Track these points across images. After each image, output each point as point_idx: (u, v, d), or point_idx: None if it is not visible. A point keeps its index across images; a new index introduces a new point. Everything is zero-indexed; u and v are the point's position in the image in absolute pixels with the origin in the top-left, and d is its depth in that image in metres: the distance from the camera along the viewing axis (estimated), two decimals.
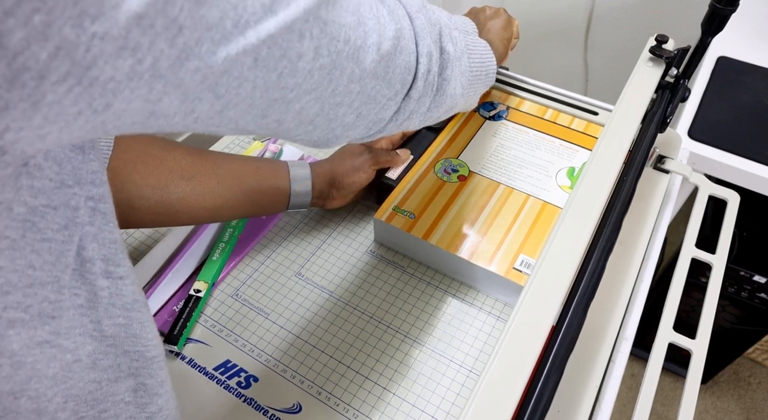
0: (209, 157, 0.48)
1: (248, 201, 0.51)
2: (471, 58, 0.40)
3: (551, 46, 1.51)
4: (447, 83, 0.36)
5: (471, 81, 0.40)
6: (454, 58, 0.35)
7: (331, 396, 0.47)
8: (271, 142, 0.68)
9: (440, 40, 0.34)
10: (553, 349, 0.35)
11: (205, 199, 0.47)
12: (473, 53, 0.41)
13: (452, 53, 0.35)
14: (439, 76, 0.35)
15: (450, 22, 0.37)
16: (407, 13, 0.32)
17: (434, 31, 0.34)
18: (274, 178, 0.53)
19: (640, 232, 0.58)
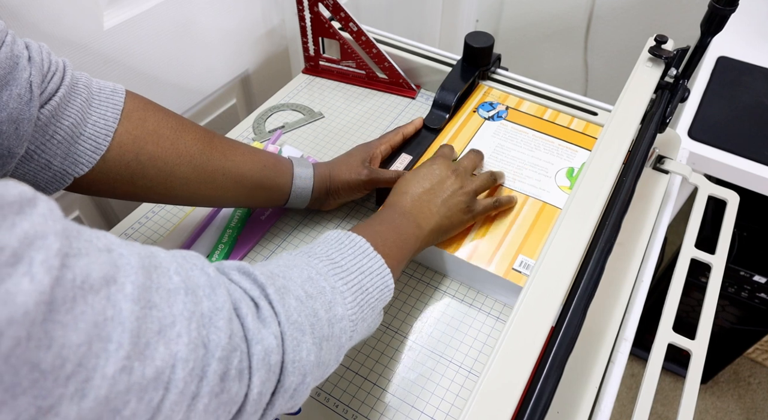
0: (219, 147, 0.48)
1: (248, 195, 0.51)
2: (352, 319, 0.35)
3: (551, 46, 1.51)
4: (301, 392, 0.30)
5: (349, 337, 0.35)
6: (311, 364, 0.30)
7: (330, 397, 0.47)
8: (270, 142, 0.68)
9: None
10: (553, 349, 0.35)
11: (207, 188, 0.48)
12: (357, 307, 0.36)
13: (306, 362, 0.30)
14: (290, 394, 0.29)
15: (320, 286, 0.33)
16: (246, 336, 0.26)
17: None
18: (277, 178, 0.53)
19: (640, 233, 0.58)
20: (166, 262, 0.24)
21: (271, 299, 0.29)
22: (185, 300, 0.24)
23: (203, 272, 0.26)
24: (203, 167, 0.46)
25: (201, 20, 0.71)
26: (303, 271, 0.34)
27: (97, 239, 0.21)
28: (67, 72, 0.40)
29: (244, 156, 0.50)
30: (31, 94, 0.36)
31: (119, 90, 0.43)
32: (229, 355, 0.24)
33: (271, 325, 0.28)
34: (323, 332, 0.31)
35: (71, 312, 0.18)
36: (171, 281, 0.24)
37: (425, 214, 0.49)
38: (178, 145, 0.45)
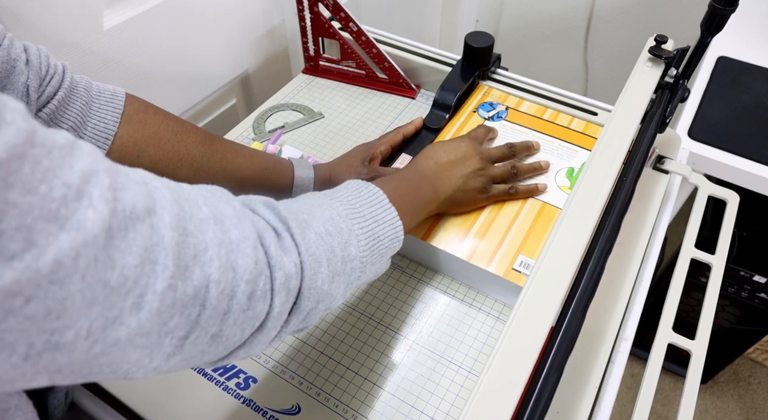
0: (220, 149, 0.48)
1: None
2: (362, 259, 0.37)
3: (551, 46, 1.51)
4: (312, 315, 0.33)
5: (359, 275, 0.37)
6: (324, 292, 0.33)
7: (330, 397, 0.47)
8: (270, 142, 0.68)
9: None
10: (553, 349, 0.35)
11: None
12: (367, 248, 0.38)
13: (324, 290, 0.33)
14: (306, 316, 0.33)
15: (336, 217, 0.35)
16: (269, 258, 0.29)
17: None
18: (278, 180, 0.53)
19: (640, 233, 0.58)
20: (194, 195, 0.27)
21: (293, 232, 0.31)
22: (215, 228, 0.26)
23: (229, 204, 0.28)
24: (204, 169, 0.47)
25: (201, 20, 0.71)
26: (325, 211, 0.36)
27: (134, 173, 0.24)
28: (66, 75, 0.40)
29: (244, 158, 0.50)
30: (28, 99, 0.36)
31: (119, 93, 0.43)
32: (256, 279, 0.27)
33: (291, 254, 0.30)
34: (336, 268, 0.34)
35: (126, 239, 0.21)
36: (201, 211, 0.26)
37: (444, 182, 0.51)
38: (179, 147, 0.45)
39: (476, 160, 0.54)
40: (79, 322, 0.20)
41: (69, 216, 0.19)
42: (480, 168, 0.54)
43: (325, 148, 0.69)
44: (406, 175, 0.50)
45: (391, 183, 0.45)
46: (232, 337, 0.27)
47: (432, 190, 0.50)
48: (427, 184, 0.50)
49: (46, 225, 0.18)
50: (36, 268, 0.18)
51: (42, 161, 0.18)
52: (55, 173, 0.19)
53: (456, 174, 0.52)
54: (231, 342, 0.28)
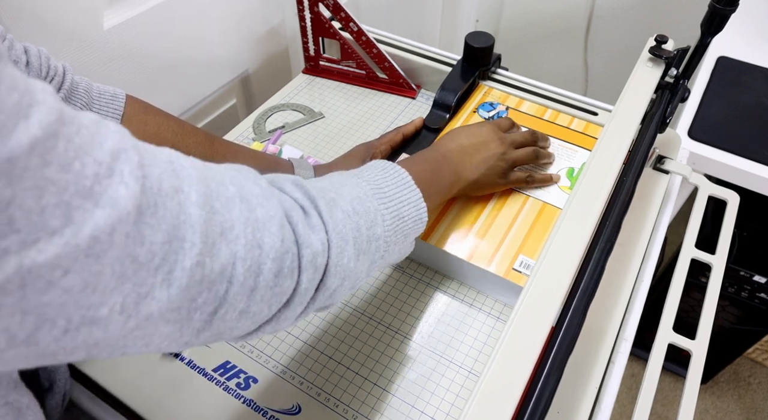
0: (220, 151, 0.49)
1: None
2: (387, 239, 0.37)
3: (551, 46, 1.51)
4: (337, 292, 0.34)
5: (383, 254, 0.38)
6: (349, 269, 0.33)
7: (331, 397, 0.47)
8: (270, 142, 0.68)
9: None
10: (553, 349, 0.35)
11: None
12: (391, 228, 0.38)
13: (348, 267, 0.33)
14: (331, 293, 0.33)
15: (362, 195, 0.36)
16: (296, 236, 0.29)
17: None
18: (279, 165, 0.53)
19: (640, 233, 0.58)
20: (221, 174, 0.27)
21: (320, 210, 0.32)
22: (241, 207, 0.26)
23: (256, 183, 0.29)
24: None
25: (201, 20, 0.71)
26: (353, 190, 0.36)
27: (160, 152, 0.24)
28: (67, 76, 0.40)
29: (245, 160, 0.50)
30: None
31: (119, 94, 0.43)
32: (282, 256, 0.27)
33: (319, 232, 0.30)
34: (362, 246, 0.34)
35: (155, 215, 0.21)
36: (228, 190, 0.26)
37: (465, 165, 0.52)
38: (179, 148, 0.45)
39: (497, 143, 0.54)
40: (113, 297, 0.20)
41: (102, 192, 0.19)
42: (502, 152, 0.54)
43: (325, 148, 0.69)
44: (429, 157, 0.50)
45: (414, 165, 0.45)
46: (260, 312, 0.28)
47: (454, 173, 0.50)
48: (449, 168, 0.50)
49: (83, 201, 0.19)
50: (75, 243, 0.18)
51: (74, 139, 0.19)
52: (86, 151, 0.19)
53: (477, 158, 0.53)
54: (259, 317, 0.28)
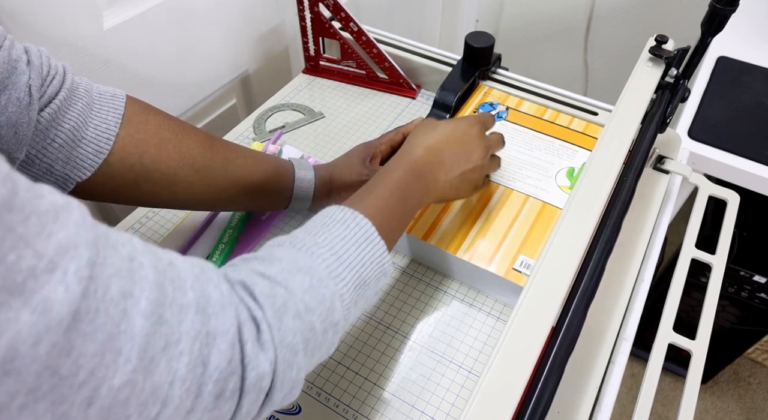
0: (221, 150, 0.48)
1: (250, 198, 0.51)
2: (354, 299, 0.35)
3: (551, 46, 1.51)
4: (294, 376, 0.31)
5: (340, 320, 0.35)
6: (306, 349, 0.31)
7: (331, 397, 0.47)
8: (271, 142, 0.68)
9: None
10: (553, 349, 0.35)
11: (210, 191, 0.48)
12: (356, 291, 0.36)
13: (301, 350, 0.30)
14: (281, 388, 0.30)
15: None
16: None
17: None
18: (279, 181, 0.53)
19: (640, 233, 0.58)
20: (184, 275, 0.25)
21: (270, 322, 0.29)
22: (194, 318, 0.24)
23: (217, 288, 0.27)
24: (206, 171, 0.46)
25: (201, 20, 0.71)
26: (305, 279, 0.33)
27: (122, 246, 0.22)
28: (67, 76, 0.40)
29: (245, 159, 0.50)
30: (30, 98, 0.35)
31: (119, 95, 0.43)
32: (227, 378, 0.25)
33: (268, 352, 0.28)
34: (317, 343, 0.32)
35: (92, 323, 0.19)
36: (185, 296, 0.24)
37: (439, 180, 0.46)
38: (180, 148, 0.45)
39: (481, 154, 0.49)
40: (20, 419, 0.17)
41: (36, 290, 0.17)
42: (482, 165, 0.49)
43: (325, 148, 0.69)
44: (398, 181, 0.43)
45: (379, 199, 0.41)
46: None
47: (423, 193, 0.45)
48: (416, 187, 0.44)
49: (8, 297, 0.16)
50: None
51: (16, 228, 0.17)
52: (27, 241, 0.17)
53: (455, 172, 0.47)
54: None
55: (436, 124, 0.49)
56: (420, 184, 0.45)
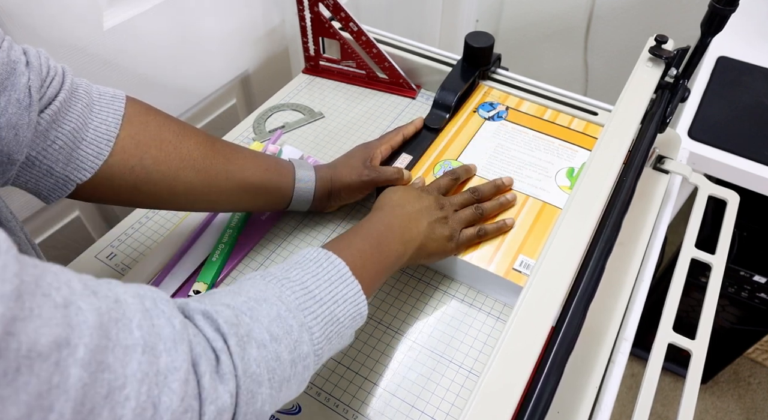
0: (222, 151, 0.48)
1: (251, 198, 0.51)
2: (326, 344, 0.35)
3: (551, 46, 1.51)
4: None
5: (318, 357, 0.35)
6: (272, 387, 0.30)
7: (331, 397, 0.47)
8: (271, 142, 0.68)
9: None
10: (553, 349, 0.35)
11: (210, 192, 0.48)
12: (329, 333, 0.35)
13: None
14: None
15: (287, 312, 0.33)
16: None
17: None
18: (279, 181, 0.53)
19: (640, 233, 0.58)
20: (130, 313, 0.23)
21: (231, 352, 0.28)
22: (141, 359, 0.22)
23: (169, 323, 0.25)
24: (206, 171, 0.46)
25: (201, 20, 0.71)
26: (272, 309, 0.32)
27: (57, 291, 0.20)
28: (67, 77, 0.40)
29: (246, 160, 0.50)
30: (30, 99, 0.35)
31: (119, 95, 0.43)
32: (180, 417, 0.24)
33: (229, 382, 0.27)
34: (285, 374, 0.31)
35: (13, 384, 0.17)
36: (131, 336, 0.23)
37: (412, 232, 0.48)
38: (181, 149, 0.45)
39: (436, 208, 0.51)
40: None
41: None
42: (443, 216, 0.51)
43: (325, 148, 0.69)
44: (370, 230, 0.46)
45: (353, 244, 0.42)
46: None
47: (399, 243, 0.46)
48: (393, 238, 0.46)
49: None
50: None
51: None
52: None
53: (423, 222, 0.49)
54: None
55: (397, 189, 0.53)
56: (394, 233, 0.46)
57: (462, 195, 0.56)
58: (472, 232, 0.53)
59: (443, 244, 0.50)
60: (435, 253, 0.50)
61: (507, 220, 0.55)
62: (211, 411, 0.26)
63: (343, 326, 0.37)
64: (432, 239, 0.49)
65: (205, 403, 0.25)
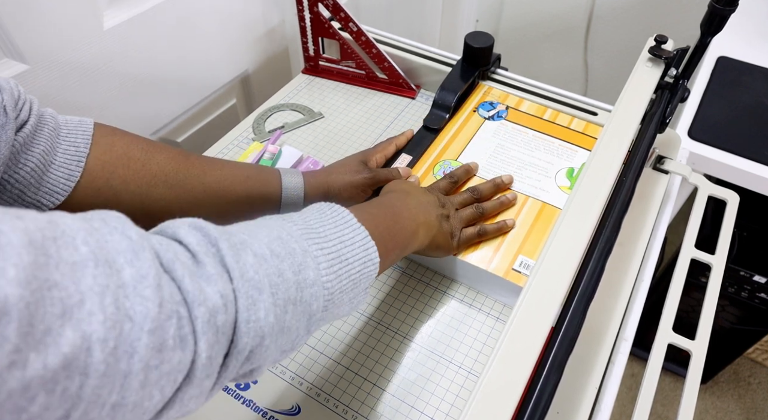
0: (196, 164, 0.46)
1: (234, 211, 0.50)
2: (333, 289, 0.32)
3: (551, 46, 1.51)
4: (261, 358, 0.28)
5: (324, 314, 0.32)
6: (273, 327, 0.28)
7: (330, 397, 0.47)
8: (270, 142, 0.68)
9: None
10: (553, 349, 0.35)
11: (189, 208, 0.46)
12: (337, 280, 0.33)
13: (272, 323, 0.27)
14: (246, 361, 0.27)
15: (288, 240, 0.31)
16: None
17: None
18: (263, 188, 0.51)
19: (640, 233, 0.58)
20: (71, 231, 0.21)
21: (222, 254, 0.26)
22: (95, 273, 0.21)
23: (124, 236, 0.23)
24: (181, 185, 0.45)
25: (201, 20, 0.71)
26: (272, 232, 0.30)
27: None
28: (34, 105, 0.40)
29: (223, 170, 0.48)
30: (6, 118, 0.35)
31: (86, 120, 0.42)
32: (163, 325, 0.22)
33: (216, 283, 0.25)
34: (289, 294, 0.29)
35: None
36: (76, 253, 0.21)
37: (425, 216, 0.47)
38: (150, 165, 0.44)
39: (439, 206, 0.51)
40: None
41: None
42: (446, 214, 0.51)
43: (325, 148, 0.69)
44: (382, 201, 0.45)
45: (364, 209, 0.40)
46: (147, 400, 0.22)
47: (414, 222, 0.44)
48: (408, 215, 0.44)
49: None
50: None
51: None
52: None
53: (432, 213, 0.48)
54: (148, 406, 0.23)
55: (403, 180, 0.54)
56: (408, 209, 0.45)
57: (462, 194, 0.56)
58: (473, 232, 0.53)
59: (448, 239, 0.50)
60: (441, 247, 0.50)
61: (507, 221, 0.55)
62: (202, 312, 0.24)
63: (353, 268, 0.34)
64: (440, 232, 0.49)
65: (193, 306, 0.24)
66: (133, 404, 0.22)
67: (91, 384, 0.20)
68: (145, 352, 0.21)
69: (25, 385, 0.18)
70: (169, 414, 0.24)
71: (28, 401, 0.18)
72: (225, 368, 0.26)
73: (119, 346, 0.21)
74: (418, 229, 0.45)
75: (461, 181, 0.59)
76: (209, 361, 0.24)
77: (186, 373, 0.24)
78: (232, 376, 0.27)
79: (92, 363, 0.20)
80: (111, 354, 0.20)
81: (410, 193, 0.49)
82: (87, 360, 0.19)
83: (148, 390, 0.22)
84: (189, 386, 0.24)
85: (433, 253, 0.50)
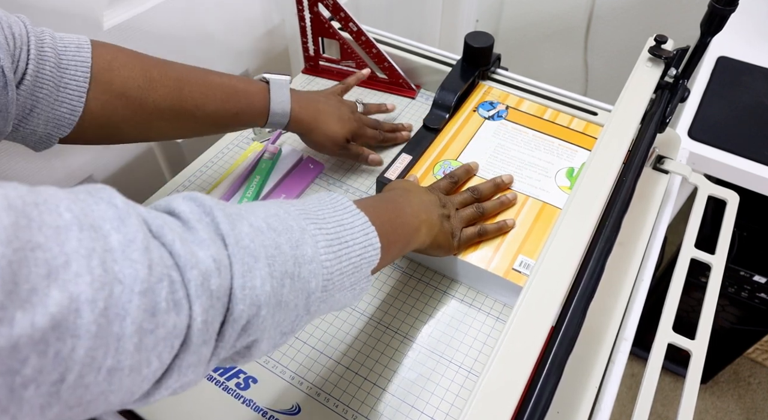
0: (189, 99, 0.49)
1: (224, 130, 0.55)
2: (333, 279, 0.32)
3: (551, 46, 1.51)
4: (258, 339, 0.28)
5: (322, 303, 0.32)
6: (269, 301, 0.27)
7: (330, 397, 0.47)
8: (270, 142, 0.68)
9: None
10: (553, 349, 0.35)
11: (183, 134, 0.51)
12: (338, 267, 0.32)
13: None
14: (242, 333, 0.27)
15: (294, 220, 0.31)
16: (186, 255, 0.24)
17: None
18: (252, 108, 0.54)
19: (640, 233, 0.58)
20: (54, 199, 0.21)
21: (218, 222, 0.26)
22: (80, 236, 0.20)
23: (110, 205, 0.23)
24: (177, 120, 0.49)
25: (201, 20, 0.71)
26: (269, 209, 0.30)
27: None
28: (31, 40, 0.39)
29: (216, 103, 0.50)
30: (6, 79, 0.36)
31: (84, 45, 0.42)
32: (154, 287, 0.22)
33: (209, 248, 0.25)
34: (286, 268, 0.28)
35: None
36: (60, 218, 0.20)
37: (427, 214, 0.47)
38: (146, 104, 0.46)
39: (440, 206, 0.51)
40: None
41: None
42: (447, 214, 0.51)
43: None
44: (384, 196, 0.46)
45: (366, 201, 0.40)
46: (144, 365, 0.22)
47: (416, 218, 0.45)
48: (411, 211, 0.45)
49: None
50: None
51: None
52: None
53: (435, 212, 0.49)
54: (146, 372, 0.22)
55: (405, 180, 0.56)
56: (411, 204, 0.46)
57: (462, 194, 0.56)
58: (473, 231, 0.53)
59: (449, 238, 0.51)
60: (442, 247, 0.50)
61: (508, 221, 0.55)
62: (195, 275, 0.24)
63: (353, 251, 0.33)
64: (442, 231, 0.49)
65: (185, 270, 0.24)
66: (130, 368, 0.21)
67: (83, 345, 0.19)
68: (137, 314, 0.21)
69: (13, 343, 0.17)
70: (168, 383, 0.24)
71: (20, 363, 0.18)
72: (222, 337, 0.26)
73: (110, 308, 0.20)
74: (420, 226, 0.45)
75: (461, 181, 0.59)
76: (205, 325, 0.24)
77: (183, 339, 0.24)
78: (229, 346, 0.27)
79: (82, 324, 0.19)
80: (102, 315, 0.20)
81: (412, 192, 0.49)
82: (77, 321, 0.19)
83: (144, 355, 0.22)
84: (186, 353, 0.24)
85: (434, 252, 0.50)
